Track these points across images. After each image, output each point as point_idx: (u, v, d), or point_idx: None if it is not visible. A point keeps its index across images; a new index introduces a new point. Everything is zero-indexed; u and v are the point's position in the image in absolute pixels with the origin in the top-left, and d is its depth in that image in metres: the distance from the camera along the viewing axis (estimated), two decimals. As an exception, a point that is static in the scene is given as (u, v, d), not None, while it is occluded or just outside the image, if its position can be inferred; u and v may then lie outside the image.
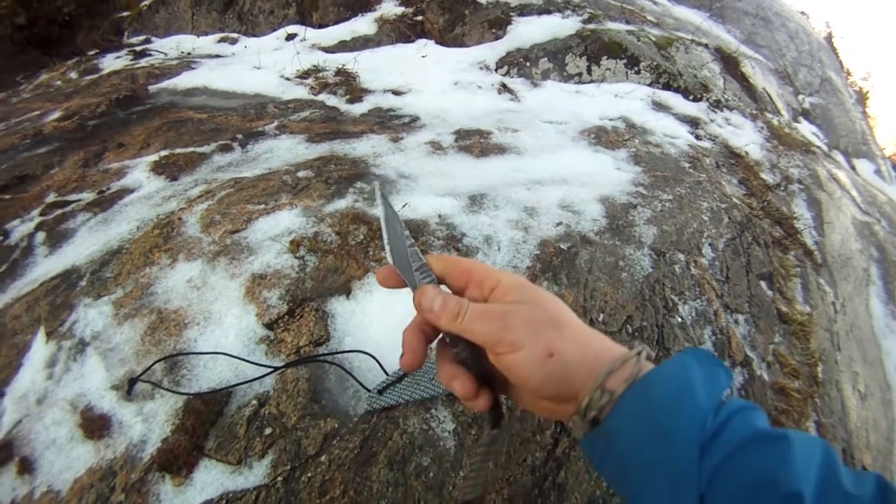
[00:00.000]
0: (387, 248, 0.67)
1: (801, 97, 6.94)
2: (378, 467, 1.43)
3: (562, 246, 2.20)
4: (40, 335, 1.92)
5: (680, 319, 2.10)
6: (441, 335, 0.70)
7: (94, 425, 1.62)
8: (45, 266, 2.33)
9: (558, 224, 2.34)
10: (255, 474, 1.44)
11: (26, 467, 1.58)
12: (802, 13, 10.56)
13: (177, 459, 1.49)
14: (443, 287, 0.70)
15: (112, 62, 5.65)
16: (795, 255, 3.12)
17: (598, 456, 0.61)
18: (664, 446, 0.54)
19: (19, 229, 2.59)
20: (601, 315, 1.95)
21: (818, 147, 5.60)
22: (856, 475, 0.52)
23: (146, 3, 7.19)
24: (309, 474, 1.42)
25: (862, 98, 10.52)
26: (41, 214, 2.66)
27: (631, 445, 0.57)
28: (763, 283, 2.65)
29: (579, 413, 0.60)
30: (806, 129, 6.12)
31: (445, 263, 0.70)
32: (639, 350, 0.62)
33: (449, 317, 0.64)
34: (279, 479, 1.41)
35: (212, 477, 1.46)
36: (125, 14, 7.41)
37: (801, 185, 4.08)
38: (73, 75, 5.46)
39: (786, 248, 3.09)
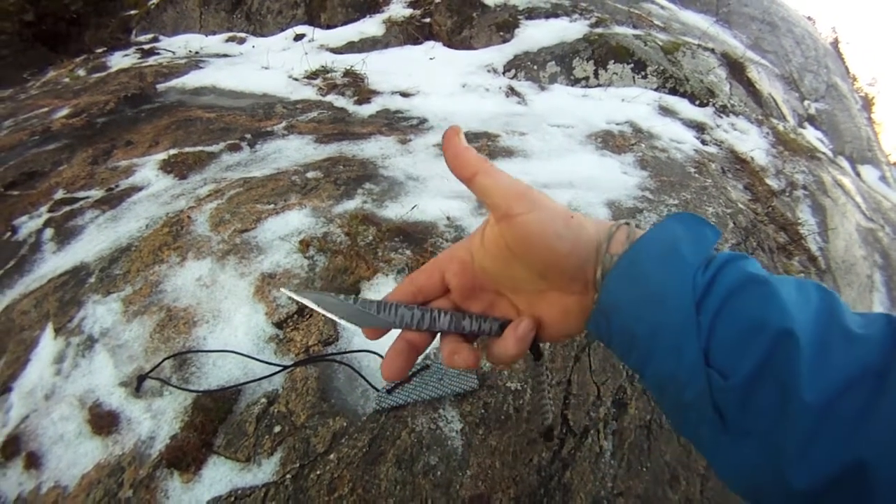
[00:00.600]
0: (342, 322, 0.64)
1: (806, 103, 6.94)
2: (386, 466, 1.44)
3: (569, 249, 2.20)
4: (48, 331, 1.94)
5: (685, 324, 2.10)
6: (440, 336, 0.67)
7: (103, 421, 1.63)
8: (54, 262, 2.35)
9: (565, 227, 2.34)
10: (264, 471, 1.45)
11: (33, 462, 1.60)
12: (809, 18, 10.55)
13: (185, 456, 1.50)
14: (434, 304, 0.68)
15: (120, 60, 5.67)
16: (799, 260, 3.12)
17: (603, 334, 0.61)
18: (660, 311, 0.54)
19: (27, 225, 2.60)
20: (608, 318, 1.96)
21: (823, 153, 5.60)
22: (863, 316, 0.51)
23: (154, 1, 7.21)
24: (318, 472, 1.43)
25: (868, 104, 10.50)
26: (49, 211, 2.67)
27: (629, 317, 0.57)
28: (768, 289, 2.65)
29: (595, 283, 0.59)
30: (811, 135, 6.12)
31: (410, 284, 0.67)
32: (625, 221, 0.61)
33: (475, 159, 0.61)
34: (288, 476, 1.42)
35: (220, 474, 1.47)
36: (133, 12, 7.43)
37: (806, 191, 4.08)
38: (81, 73, 5.48)
39: (790, 254, 3.10)
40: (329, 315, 0.63)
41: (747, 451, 0.50)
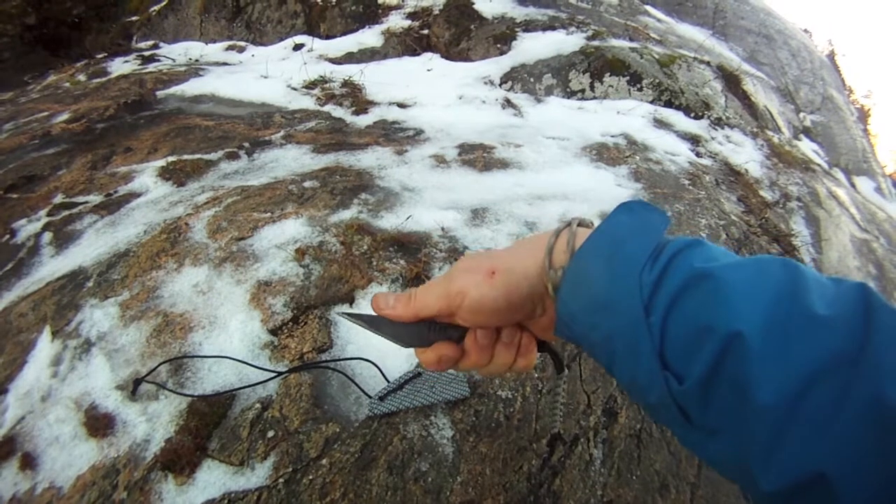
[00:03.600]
0: (394, 342, 0.72)
1: (802, 115, 6.99)
2: (378, 471, 1.46)
3: (561, 260, 2.23)
4: (46, 334, 1.95)
5: (676, 334, 2.13)
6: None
7: (98, 424, 1.65)
8: (52, 266, 2.37)
9: (558, 238, 2.37)
10: (257, 475, 1.46)
11: (28, 463, 1.61)
12: (805, 31, 10.63)
13: (180, 459, 1.52)
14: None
15: (120, 66, 5.70)
16: (792, 272, 3.14)
17: (572, 340, 0.62)
18: (611, 317, 0.54)
19: (26, 229, 2.62)
20: (598, 328, 1.98)
21: (818, 165, 5.64)
22: (835, 287, 0.47)
23: (155, 8, 7.26)
24: (310, 477, 1.45)
25: (863, 116, 10.57)
26: (48, 215, 2.69)
27: (584, 325, 0.57)
28: (759, 301, 2.67)
29: (552, 300, 0.62)
30: (807, 147, 6.16)
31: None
32: (570, 221, 0.63)
33: (404, 303, 0.69)
34: (281, 480, 1.44)
35: (214, 477, 1.49)
36: (134, 18, 7.48)
37: (800, 203, 4.11)
38: (82, 77, 5.51)
39: (783, 266, 3.12)
40: (380, 335, 0.72)
41: (718, 448, 0.49)
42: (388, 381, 1.67)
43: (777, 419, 0.42)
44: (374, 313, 0.73)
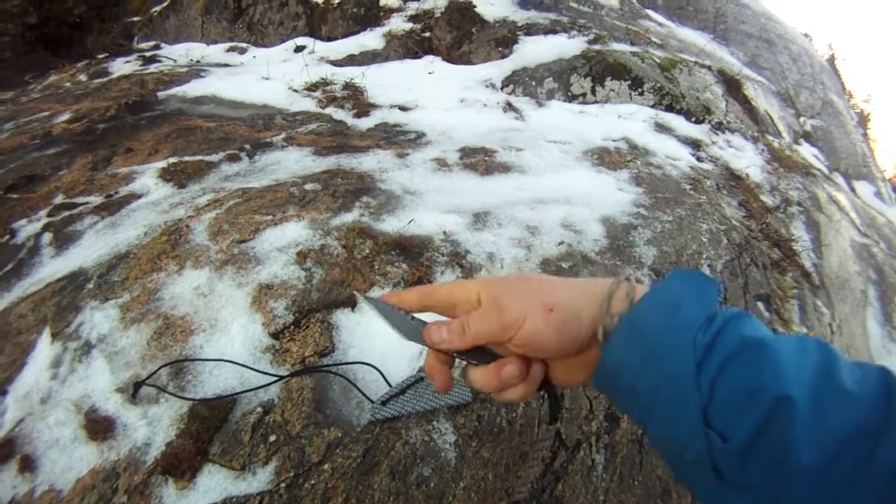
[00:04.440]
0: (396, 334, 0.73)
1: (802, 119, 7.00)
2: (380, 476, 1.46)
3: (563, 265, 2.23)
4: (45, 335, 1.95)
5: (677, 340, 2.13)
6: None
7: (99, 427, 1.64)
8: (52, 267, 2.36)
9: (560, 243, 2.37)
10: (259, 480, 1.46)
11: (27, 466, 1.60)
12: (806, 35, 10.66)
13: (181, 463, 1.51)
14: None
15: (121, 66, 5.70)
16: (793, 276, 3.15)
17: (607, 388, 0.65)
18: (662, 369, 0.56)
19: (26, 229, 2.61)
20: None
21: (819, 169, 5.65)
22: (861, 370, 0.52)
23: (157, 9, 7.26)
24: (312, 481, 1.44)
25: (863, 120, 10.61)
26: (49, 215, 2.68)
27: (632, 374, 0.59)
28: (760, 305, 2.68)
29: (599, 342, 0.63)
30: (807, 152, 6.17)
31: (423, 296, 0.74)
32: (626, 275, 0.65)
33: (457, 335, 0.68)
34: (282, 485, 1.44)
35: (215, 482, 1.48)
36: (136, 19, 7.48)
37: (801, 208, 4.12)
38: (83, 78, 5.51)
39: (784, 270, 3.13)
40: (390, 327, 0.73)
41: (743, 502, 0.53)
42: (391, 386, 1.66)
43: (814, 479, 0.47)
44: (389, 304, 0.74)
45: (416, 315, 0.75)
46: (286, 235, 2.22)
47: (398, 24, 5.96)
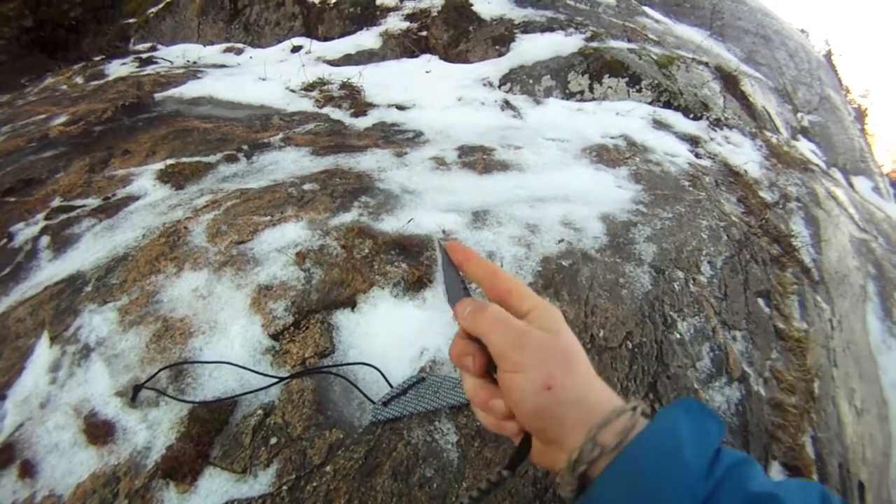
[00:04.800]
0: (442, 288, 0.72)
1: (800, 115, 6.99)
2: (382, 478, 1.45)
3: (563, 262, 2.23)
4: (44, 339, 1.94)
5: (679, 336, 2.13)
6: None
7: (98, 431, 1.63)
8: (50, 270, 2.35)
9: (560, 241, 2.36)
10: (260, 483, 1.45)
11: (27, 471, 1.59)
12: (802, 31, 10.67)
13: (182, 467, 1.50)
14: None
15: (118, 68, 5.68)
16: (793, 272, 3.14)
17: None
18: None
19: (24, 232, 2.60)
20: (602, 331, 1.97)
21: (817, 165, 5.64)
22: None
23: (153, 10, 7.25)
24: (314, 484, 1.44)
25: (861, 115, 10.61)
26: (46, 218, 2.68)
27: None
28: (761, 301, 2.67)
29: (568, 465, 0.58)
30: (805, 147, 6.16)
31: (488, 272, 0.70)
32: (634, 405, 0.60)
33: (473, 310, 0.65)
34: (284, 487, 1.43)
35: (216, 485, 1.48)
36: (132, 21, 7.47)
37: (800, 203, 4.11)
38: (79, 80, 5.49)
39: (783, 266, 3.12)
40: (440, 281, 0.75)
41: None
42: (392, 387, 1.66)
43: None
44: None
45: (468, 285, 0.72)
46: (285, 236, 2.22)
47: (395, 23, 5.95)
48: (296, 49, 5.71)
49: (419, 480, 1.46)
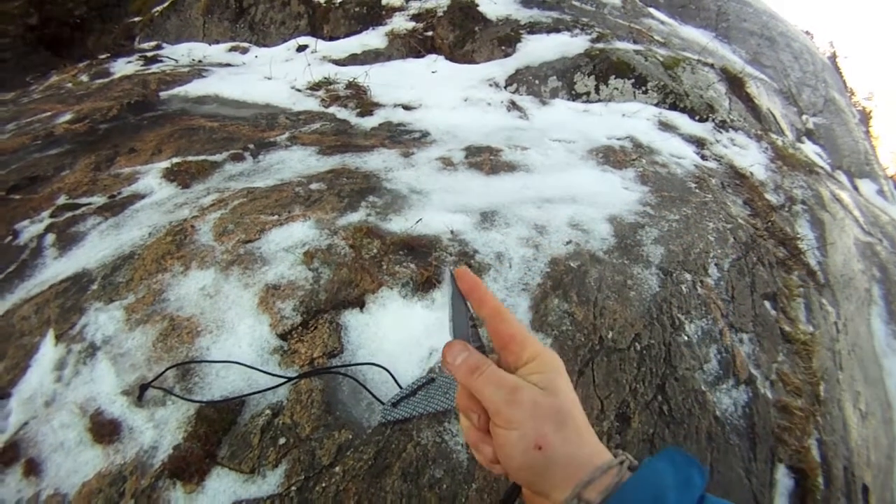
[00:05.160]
0: (449, 325, 0.68)
1: (804, 117, 6.98)
2: (392, 478, 1.44)
3: (572, 264, 2.22)
4: (49, 337, 1.93)
5: (686, 338, 2.12)
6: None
7: (104, 430, 1.63)
8: (55, 268, 2.35)
9: (568, 242, 2.36)
10: (269, 483, 1.44)
11: (32, 469, 1.59)
12: (807, 33, 10.65)
13: (189, 466, 1.50)
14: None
15: (123, 67, 5.68)
16: (799, 275, 3.13)
17: None
18: None
19: (29, 230, 2.60)
20: (610, 333, 1.97)
21: (822, 167, 5.63)
22: None
23: (158, 9, 7.24)
24: (323, 484, 1.43)
25: (865, 118, 10.59)
26: (51, 216, 2.67)
27: None
28: (767, 303, 2.67)
29: None
30: (809, 150, 6.15)
31: (493, 312, 0.68)
32: (622, 459, 0.60)
33: (466, 370, 0.64)
34: (293, 488, 1.42)
35: (224, 485, 1.47)
36: (137, 19, 7.47)
37: (805, 206, 4.10)
38: (84, 78, 5.49)
39: (789, 269, 3.11)
40: (448, 313, 0.69)
41: None
42: (401, 387, 1.65)
43: None
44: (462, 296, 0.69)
45: (475, 320, 0.70)
46: (292, 235, 2.21)
47: (400, 23, 5.95)
48: (301, 48, 5.70)
49: (429, 481, 1.45)
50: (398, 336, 1.82)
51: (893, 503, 3.07)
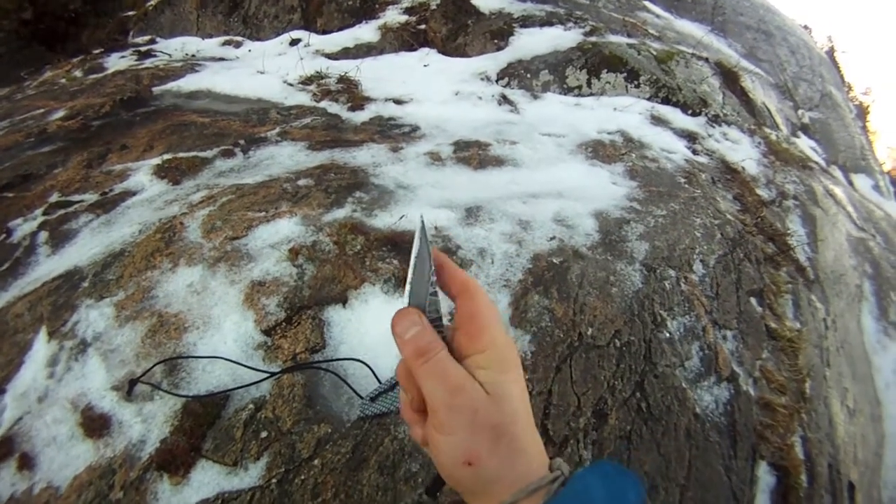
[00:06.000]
0: (407, 289, 0.62)
1: (800, 112, 6.98)
2: (369, 472, 1.48)
3: (554, 260, 2.24)
4: (42, 334, 1.96)
5: (668, 335, 2.15)
6: None
7: (95, 424, 1.66)
8: (48, 266, 2.37)
9: (552, 238, 2.38)
10: (251, 475, 1.48)
11: (26, 463, 1.62)
12: (805, 27, 10.61)
13: (175, 459, 1.53)
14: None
15: (117, 62, 5.69)
16: (787, 271, 3.15)
17: None
18: None
19: (22, 228, 2.62)
20: (590, 329, 2.00)
21: (816, 162, 5.63)
22: None
23: (152, 3, 7.24)
24: (302, 477, 1.46)
25: (862, 113, 10.57)
26: (44, 214, 2.69)
27: None
28: (753, 300, 2.69)
29: None
30: (804, 144, 6.15)
31: (463, 288, 0.64)
32: (555, 476, 0.57)
33: (412, 351, 0.59)
34: (273, 480, 1.46)
35: (208, 477, 1.51)
36: (131, 13, 7.46)
37: (797, 201, 4.11)
38: (78, 73, 5.51)
39: (778, 265, 3.13)
40: (410, 269, 0.62)
41: None
42: (380, 382, 1.68)
43: None
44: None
45: (436, 283, 0.64)
46: (279, 232, 2.24)
47: (393, 16, 5.94)
48: (294, 42, 5.71)
49: (405, 475, 1.48)
50: (379, 331, 1.84)
51: (881, 501, 3.10)
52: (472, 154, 3.21)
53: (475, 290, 0.63)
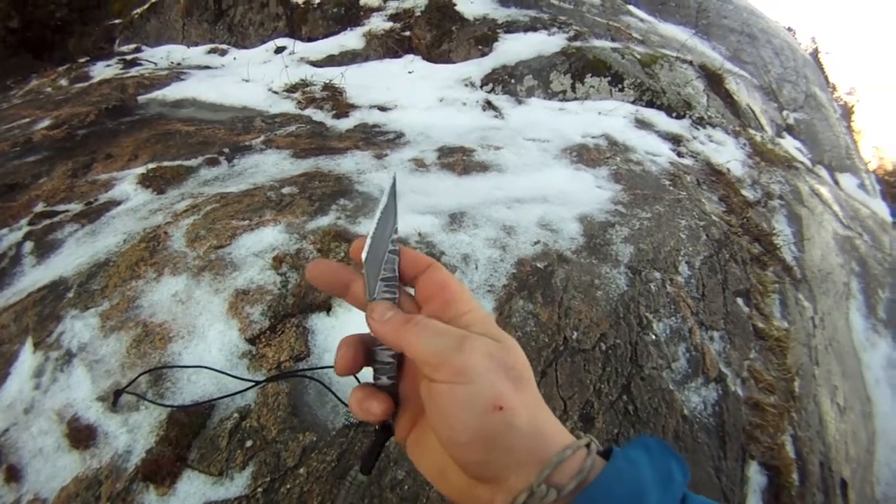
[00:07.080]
0: (368, 242, 0.54)
1: (785, 113, 7.03)
2: (354, 480, 1.48)
3: (538, 265, 2.26)
4: (28, 345, 1.95)
5: (654, 337, 2.16)
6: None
7: (81, 435, 1.66)
8: (33, 276, 2.36)
9: (536, 243, 2.39)
10: (236, 485, 1.48)
11: (13, 475, 1.62)
12: (789, 29, 10.72)
13: (161, 470, 1.53)
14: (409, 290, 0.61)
15: (103, 70, 5.68)
16: (774, 271, 3.18)
17: None
18: None
19: (7, 238, 2.61)
20: (575, 333, 2.01)
21: (801, 162, 5.67)
22: None
23: (138, 11, 7.23)
24: (288, 485, 1.47)
25: (847, 113, 10.68)
26: (29, 224, 2.68)
27: None
28: (740, 300, 2.71)
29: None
30: (790, 145, 6.19)
31: (422, 266, 0.59)
32: (587, 441, 0.51)
33: (399, 321, 0.53)
34: (259, 490, 1.46)
35: (194, 487, 1.50)
36: (117, 21, 7.45)
37: (783, 201, 4.14)
38: (64, 82, 5.49)
39: (764, 265, 3.15)
40: (372, 228, 0.55)
41: None
42: (365, 389, 1.68)
43: None
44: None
45: (397, 241, 0.60)
46: (262, 240, 2.24)
47: (378, 23, 5.95)
48: (279, 50, 5.71)
49: (391, 482, 1.49)
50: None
51: (874, 497, 3.12)
52: (457, 160, 3.22)
53: (440, 266, 0.60)
